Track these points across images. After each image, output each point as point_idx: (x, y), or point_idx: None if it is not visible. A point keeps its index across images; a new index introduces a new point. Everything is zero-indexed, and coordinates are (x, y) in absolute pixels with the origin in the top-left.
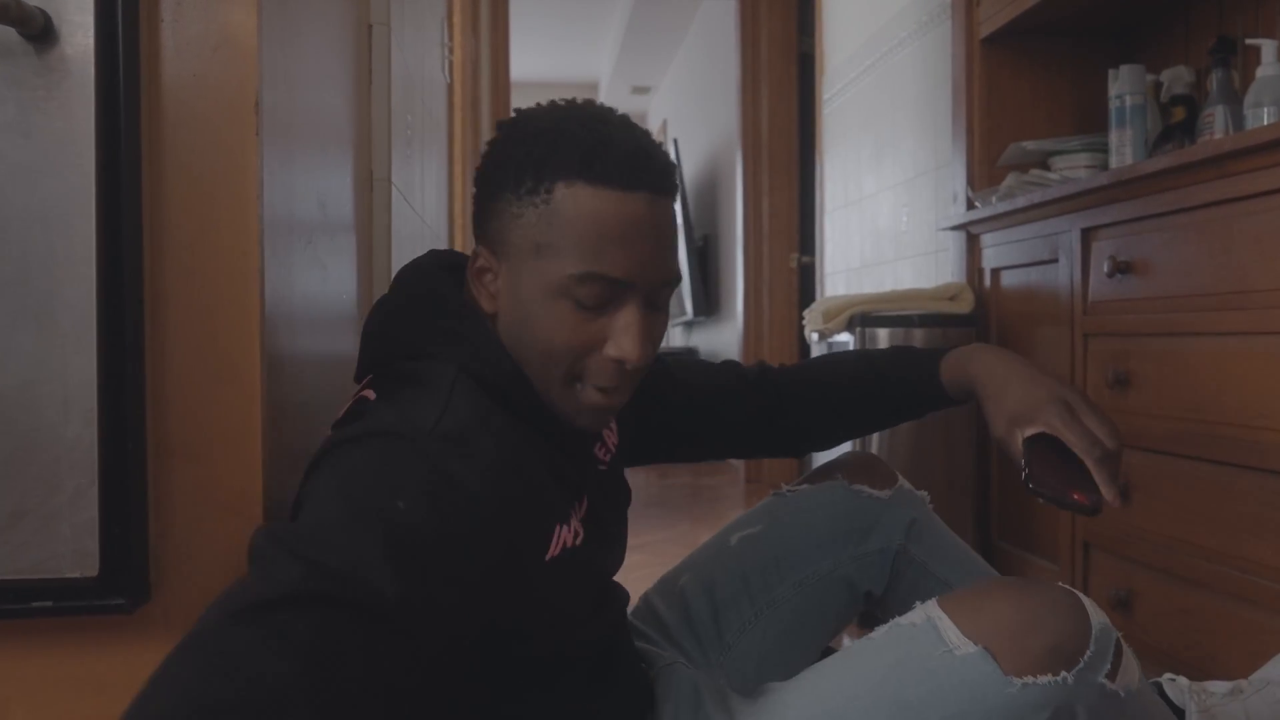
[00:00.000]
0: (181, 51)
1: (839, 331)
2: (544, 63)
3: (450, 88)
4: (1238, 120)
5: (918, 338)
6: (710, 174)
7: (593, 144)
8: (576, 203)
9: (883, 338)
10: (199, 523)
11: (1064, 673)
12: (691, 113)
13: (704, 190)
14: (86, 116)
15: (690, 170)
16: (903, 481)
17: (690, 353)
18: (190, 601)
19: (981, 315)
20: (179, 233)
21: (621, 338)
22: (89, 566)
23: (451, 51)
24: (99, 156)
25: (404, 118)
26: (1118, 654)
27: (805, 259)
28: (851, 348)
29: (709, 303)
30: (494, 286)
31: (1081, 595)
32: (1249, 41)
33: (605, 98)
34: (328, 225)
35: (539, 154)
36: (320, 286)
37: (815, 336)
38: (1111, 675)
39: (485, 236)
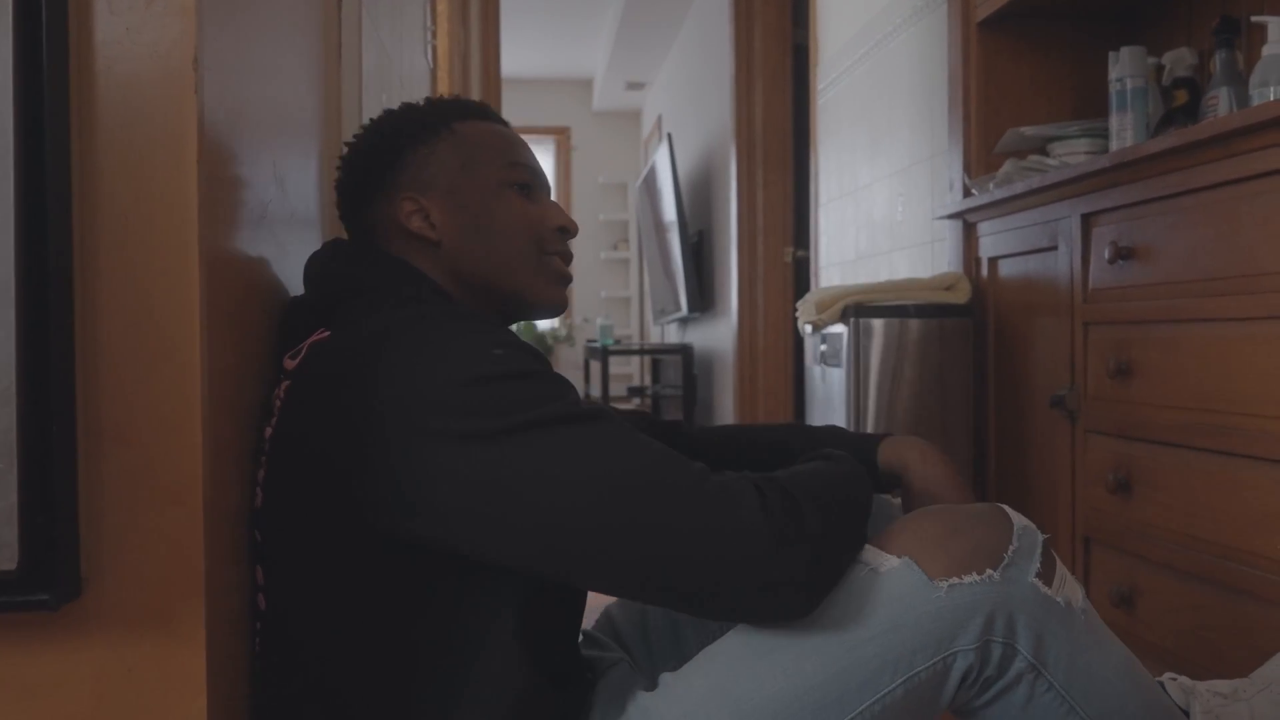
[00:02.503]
0: (114, 4)
1: (832, 323)
2: (538, 59)
3: (434, 75)
4: (1243, 102)
5: (914, 328)
6: (704, 169)
7: (457, 103)
8: (477, 129)
9: (877, 329)
10: (135, 512)
11: (989, 570)
12: (686, 108)
13: (698, 186)
14: (4, 70)
15: (684, 166)
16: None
17: (685, 350)
18: (126, 597)
19: (979, 305)
20: (112, 199)
21: (555, 211)
22: (7, 559)
23: (434, 37)
24: (18, 114)
25: (379, 97)
26: (1049, 560)
27: (800, 253)
28: (846, 339)
29: (703, 299)
30: (432, 219)
31: (1004, 505)
32: (1255, 19)
33: (600, 94)
34: (286, 201)
35: (422, 115)
36: (278, 264)
37: (809, 329)
38: (1046, 581)
39: (400, 188)
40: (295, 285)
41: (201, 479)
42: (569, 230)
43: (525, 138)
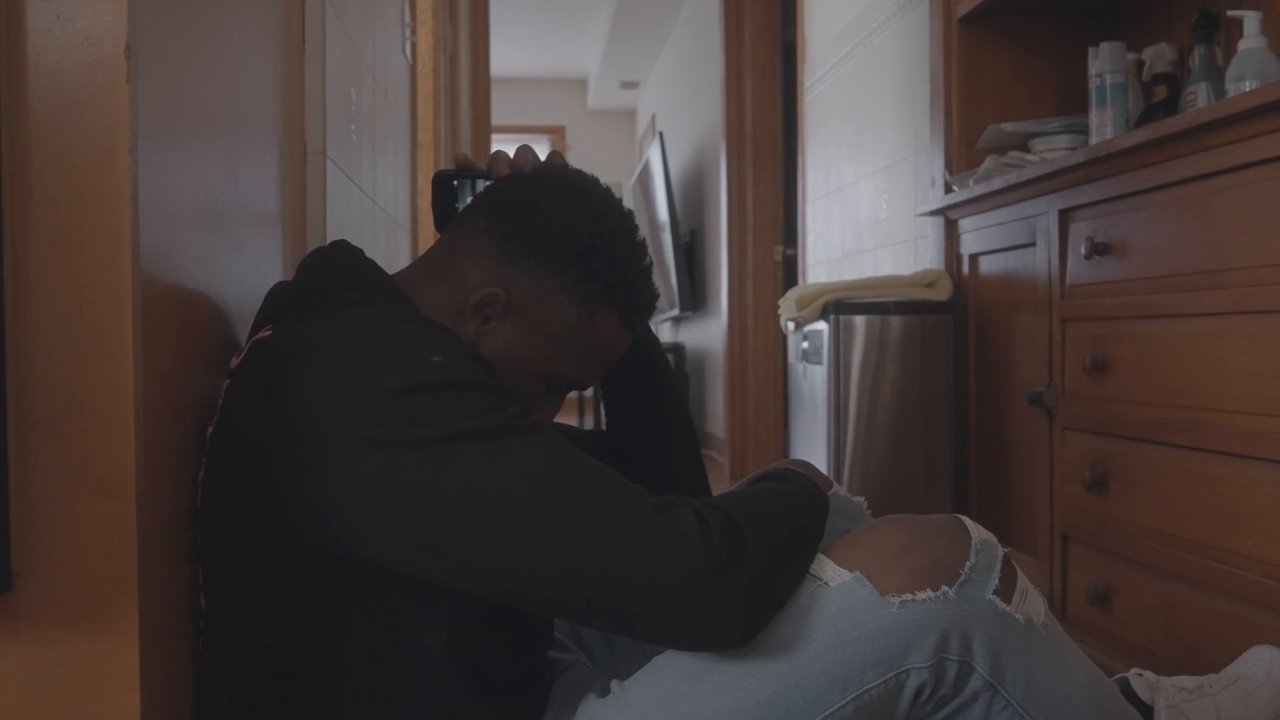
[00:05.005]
0: None
1: (813, 320)
2: (533, 58)
3: (414, 71)
4: (1220, 97)
5: (894, 325)
6: (697, 168)
7: (646, 298)
8: (607, 331)
9: (859, 326)
10: (66, 505)
11: (945, 587)
12: (679, 107)
13: (690, 185)
14: None
15: (677, 165)
16: (838, 488)
17: (677, 349)
18: (58, 591)
19: (960, 302)
20: (44, 188)
21: (549, 413)
22: None
23: (414, 33)
24: None
25: (346, 91)
26: (1009, 574)
27: (789, 251)
28: (827, 337)
29: (695, 298)
30: (486, 327)
31: (964, 518)
32: (1231, 14)
33: (594, 93)
34: (240, 194)
35: (610, 278)
36: (232, 258)
37: (791, 326)
38: (1005, 597)
39: (510, 284)
40: (253, 280)
41: (134, 472)
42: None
43: (520, 137)
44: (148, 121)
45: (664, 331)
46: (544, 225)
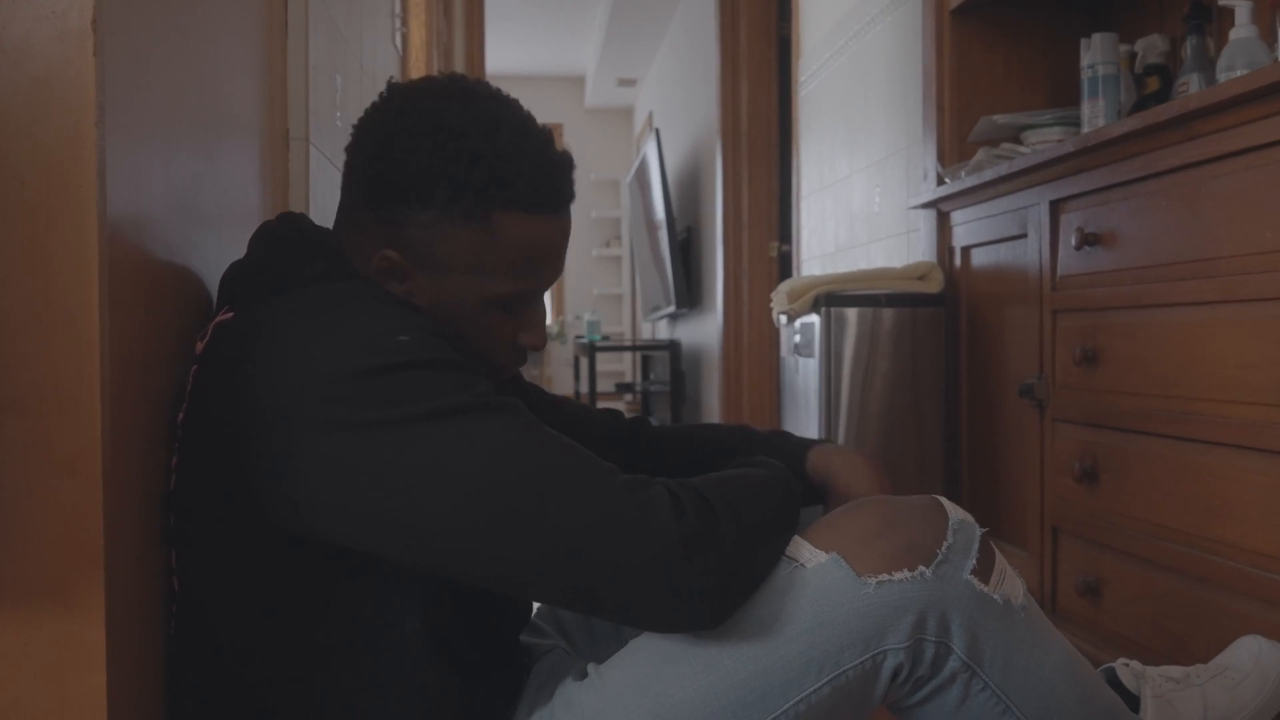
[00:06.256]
0: None
1: (805, 313)
2: (530, 56)
3: (405, 62)
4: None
5: (886, 318)
6: (693, 165)
7: (534, 174)
8: (515, 230)
9: (850, 318)
10: (31, 484)
11: (921, 567)
12: (676, 104)
13: (686, 182)
14: None
15: (673, 162)
16: None
17: (673, 345)
18: (22, 571)
19: (951, 294)
20: (8, 163)
21: (533, 333)
22: None
23: (404, 24)
24: None
25: (331, 78)
26: (987, 555)
27: (784, 247)
28: (818, 329)
29: (691, 295)
30: (404, 288)
31: (942, 498)
32: (1222, 3)
33: (592, 90)
34: (218, 177)
35: (479, 181)
36: (210, 241)
37: (783, 319)
38: (983, 577)
39: (398, 241)
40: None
41: (100, 450)
42: (536, 348)
43: None
44: (117, 98)
45: (660, 328)
46: (392, 167)
